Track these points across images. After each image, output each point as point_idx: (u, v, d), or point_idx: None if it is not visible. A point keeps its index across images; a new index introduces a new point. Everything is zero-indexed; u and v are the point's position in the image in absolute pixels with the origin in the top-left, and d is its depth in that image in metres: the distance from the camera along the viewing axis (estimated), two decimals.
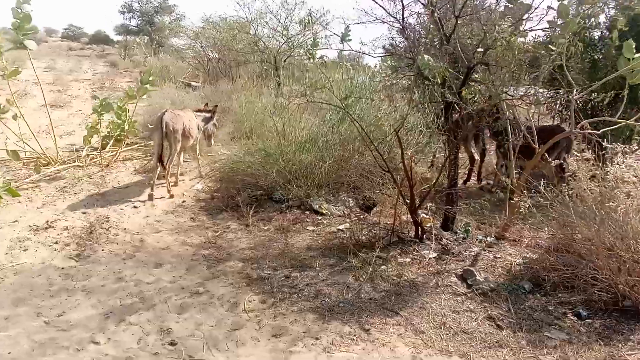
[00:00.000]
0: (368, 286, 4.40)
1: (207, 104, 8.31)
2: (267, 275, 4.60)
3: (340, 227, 5.69)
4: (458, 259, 4.89)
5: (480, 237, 5.36)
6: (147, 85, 8.17)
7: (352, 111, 5.72)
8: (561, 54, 4.50)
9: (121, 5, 36.22)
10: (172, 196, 6.78)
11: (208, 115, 7.88)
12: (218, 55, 17.65)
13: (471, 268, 4.58)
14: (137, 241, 5.35)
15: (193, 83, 18.25)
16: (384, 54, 7.02)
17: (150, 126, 9.71)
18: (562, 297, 4.19)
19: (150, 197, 6.64)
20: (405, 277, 4.55)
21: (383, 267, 4.71)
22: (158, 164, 6.61)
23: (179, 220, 5.99)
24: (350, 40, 5.49)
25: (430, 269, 4.70)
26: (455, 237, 5.37)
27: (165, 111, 6.69)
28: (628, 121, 4.44)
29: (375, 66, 8.30)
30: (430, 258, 4.89)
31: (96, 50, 31.17)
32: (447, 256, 4.91)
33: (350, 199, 6.47)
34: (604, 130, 4.63)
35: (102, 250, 5.09)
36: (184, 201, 6.71)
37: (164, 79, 18.91)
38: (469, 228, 5.41)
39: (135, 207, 6.38)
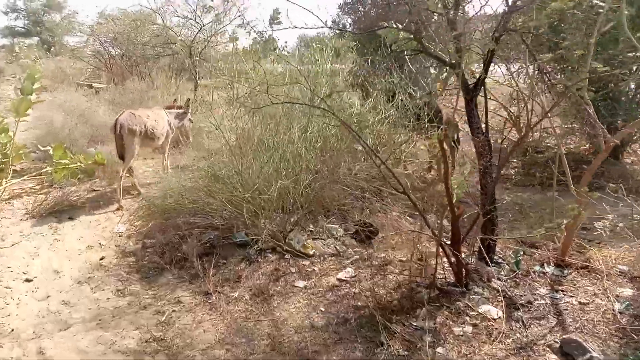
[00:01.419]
0: None
1: (175, 100, 7.73)
2: None
3: (342, 275, 3.82)
4: (535, 316, 3.21)
5: (536, 267, 3.74)
6: (31, 96, 5.73)
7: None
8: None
9: (3, 4, 31.44)
10: (120, 208, 5.73)
11: (180, 111, 7.18)
12: (121, 52, 14.86)
13: (575, 338, 2.89)
14: (33, 355, 3.15)
15: (95, 85, 15.35)
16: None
17: (43, 148, 7.33)
18: None
19: (120, 208, 5.74)
20: None
21: (440, 350, 2.92)
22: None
23: (99, 298, 3.81)
24: (279, 22, 3.93)
25: (508, 341, 2.98)
26: (502, 272, 3.71)
27: (122, 112, 6.11)
28: None
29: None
30: (496, 319, 3.17)
31: None
32: (519, 312, 3.22)
33: (337, 227, 4.60)
34: None
35: None
36: (102, 258, 4.51)
37: (61, 82, 15.87)
38: (520, 258, 3.76)
39: (28, 280, 4.11)
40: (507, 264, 3.79)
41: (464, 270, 3.43)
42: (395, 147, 5.08)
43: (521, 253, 3.78)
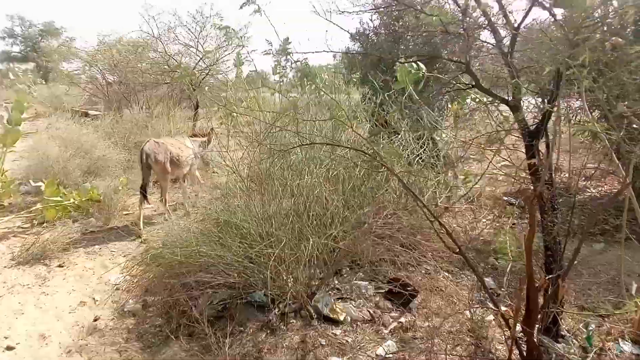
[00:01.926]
0: None
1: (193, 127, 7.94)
2: None
3: (382, 351, 3.20)
4: None
5: (621, 346, 3.14)
6: (20, 127, 5.12)
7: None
8: None
9: (1, 31, 31.11)
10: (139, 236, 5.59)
11: (204, 139, 6.96)
12: (119, 79, 14.33)
13: None
14: None
15: (91, 112, 14.79)
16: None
17: (35, 184, 6.73)
18: None
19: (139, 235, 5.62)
20: None
21: None
22: (141, 197, 5.89)
23: None
24: (289, 53, 3.40)
25: None
26: (572, 349, 3.11)
27: (147, 141, 6.07)
28: None
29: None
30: None
31: None
32: None
33: (366, 284, 3.99)
34: None
35: None
36: (96, 318, 3.85)
37: (55, 109, 15.30)
38: (591, 333, 3.17)
39: (10, 348, 3.44)
40: (575, 339, 3.20)
41: (535, 353, 2.82)
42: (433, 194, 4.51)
43: (592, 327, 3.19)
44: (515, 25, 3.09)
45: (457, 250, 2.89)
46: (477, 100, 3.54)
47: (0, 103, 19.06)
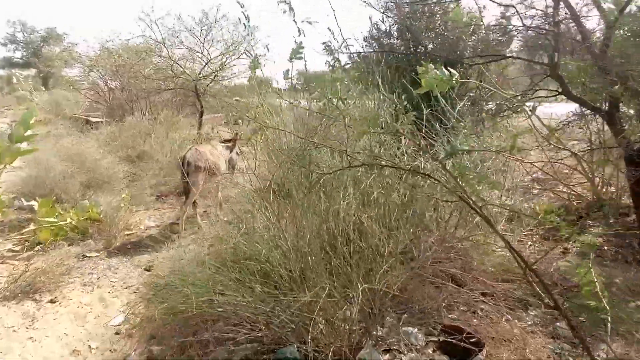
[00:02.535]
0: None
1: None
2: None
3: None
4: None
5: None
6: (23, 145, 4.39)
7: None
8: None
9: (2, 37, 30.53)
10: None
11: (230, 144, 6.82)
12: (121, 85, 13.67)
13: None
14: None
15: (92, 118, 14.13)
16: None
17: (27, 202, 6.06)
18: None
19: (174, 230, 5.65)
20: None
21: None
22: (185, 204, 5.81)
23: None
24: (301, 58, 2.97)
25: None
26: None
27: (189, 149, 6.05)
28: None
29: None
30: None
31: None
32: None
33: (415, 330, 3.29)
34: None
35: None
36: None
37: (56, 115, 14.66)
38: None
39: None
40: None
41: None
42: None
43: None
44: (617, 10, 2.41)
45: (554, 305, 2.21)
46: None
47: (0, 110, 18.44)
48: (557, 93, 2.65)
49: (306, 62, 3.33)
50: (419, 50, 5.88)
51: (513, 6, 2.51)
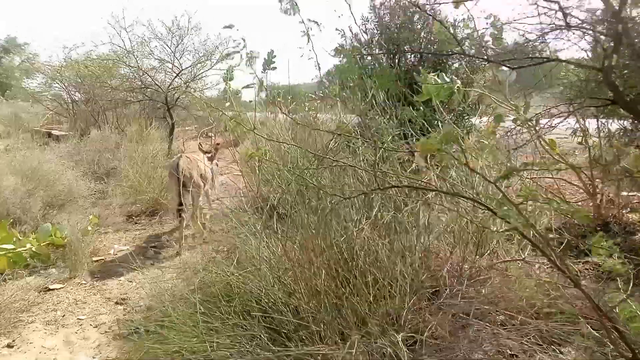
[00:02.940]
0: None
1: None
2: None
3: None
4: None
5: None
6: None
7: None
8: None
9: None
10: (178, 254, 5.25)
11: (210, 155, 6.54)
12: (86, 96, 12.91)
13: None
14: None
15: (55, 132, 13.27)
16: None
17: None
18: None
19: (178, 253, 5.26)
20: None
21: None
22: (177, 216, 5.51)
23: None
24: (275, 68, 2.43)
25: None
26: None
27: (180, 156, 5.72)
28: None
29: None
30: None
31: None
32: None
33: None
34: None
35: None
36: None
37: (16, 128, 13.68)
38: None
39: None
40: None
41: None
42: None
43: None
44: None
45: (633, 356, 1.84)
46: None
47: None
48: (609, 102, 2.32)
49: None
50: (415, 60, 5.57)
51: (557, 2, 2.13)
